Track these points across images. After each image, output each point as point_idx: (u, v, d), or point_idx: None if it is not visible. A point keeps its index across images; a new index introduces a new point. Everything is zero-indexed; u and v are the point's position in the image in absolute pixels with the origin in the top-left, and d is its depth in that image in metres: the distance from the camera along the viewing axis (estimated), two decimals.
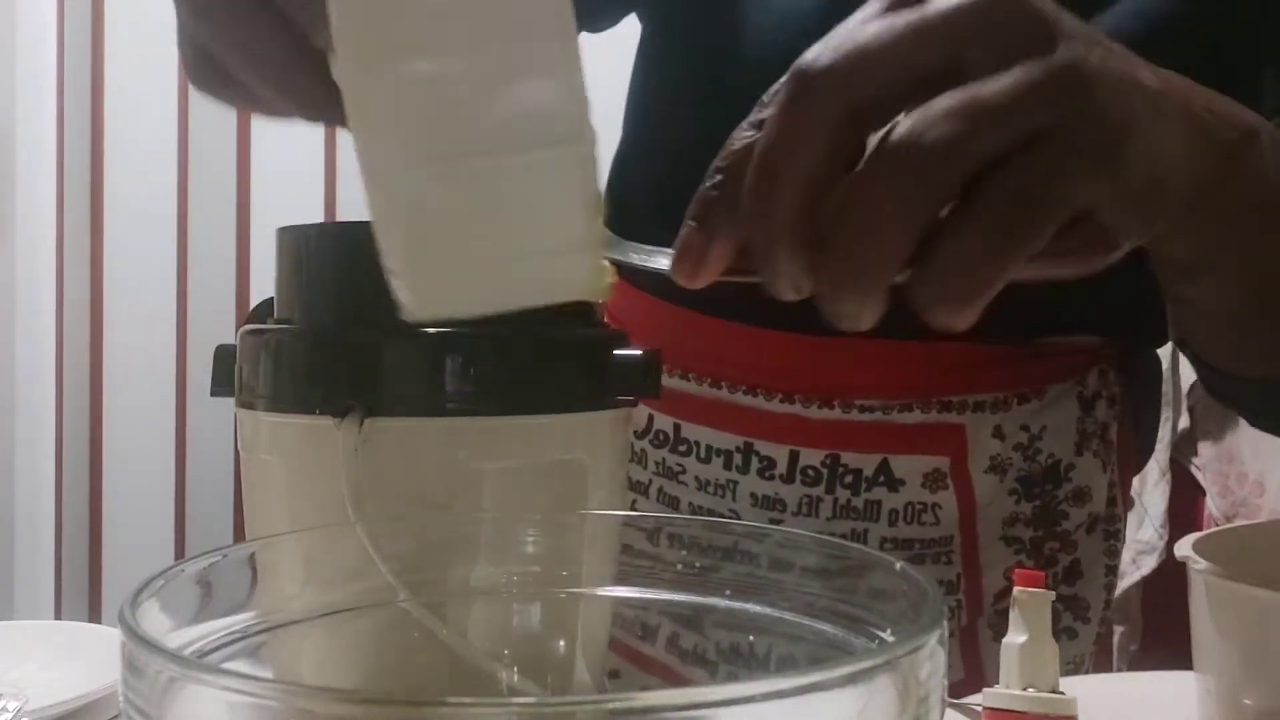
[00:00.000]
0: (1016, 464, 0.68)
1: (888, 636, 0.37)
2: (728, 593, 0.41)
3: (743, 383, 0.70)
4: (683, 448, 0.73)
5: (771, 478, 0.69)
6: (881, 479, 0.67)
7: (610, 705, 0.25)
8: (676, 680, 0.53)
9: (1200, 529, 1.72)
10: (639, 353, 0.50)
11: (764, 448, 0.69)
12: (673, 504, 0.74)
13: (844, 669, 0.27)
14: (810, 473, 0.68)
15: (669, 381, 0.73)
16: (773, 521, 0.69)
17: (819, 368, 0.68)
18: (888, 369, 0.67)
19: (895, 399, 0.67)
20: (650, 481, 0.75)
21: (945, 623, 0.31)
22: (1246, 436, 1.68)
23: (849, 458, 0.68)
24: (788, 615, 0.41)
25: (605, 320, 0.53)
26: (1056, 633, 0.68)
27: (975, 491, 0.68)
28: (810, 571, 0.40)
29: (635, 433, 0.74)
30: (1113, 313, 0.69)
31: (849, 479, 0.68)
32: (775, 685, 0.25)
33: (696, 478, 0.73)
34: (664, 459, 0.74)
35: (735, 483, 0.71)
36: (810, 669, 0.26)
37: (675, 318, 0.74)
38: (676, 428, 0.73)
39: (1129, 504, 0.75)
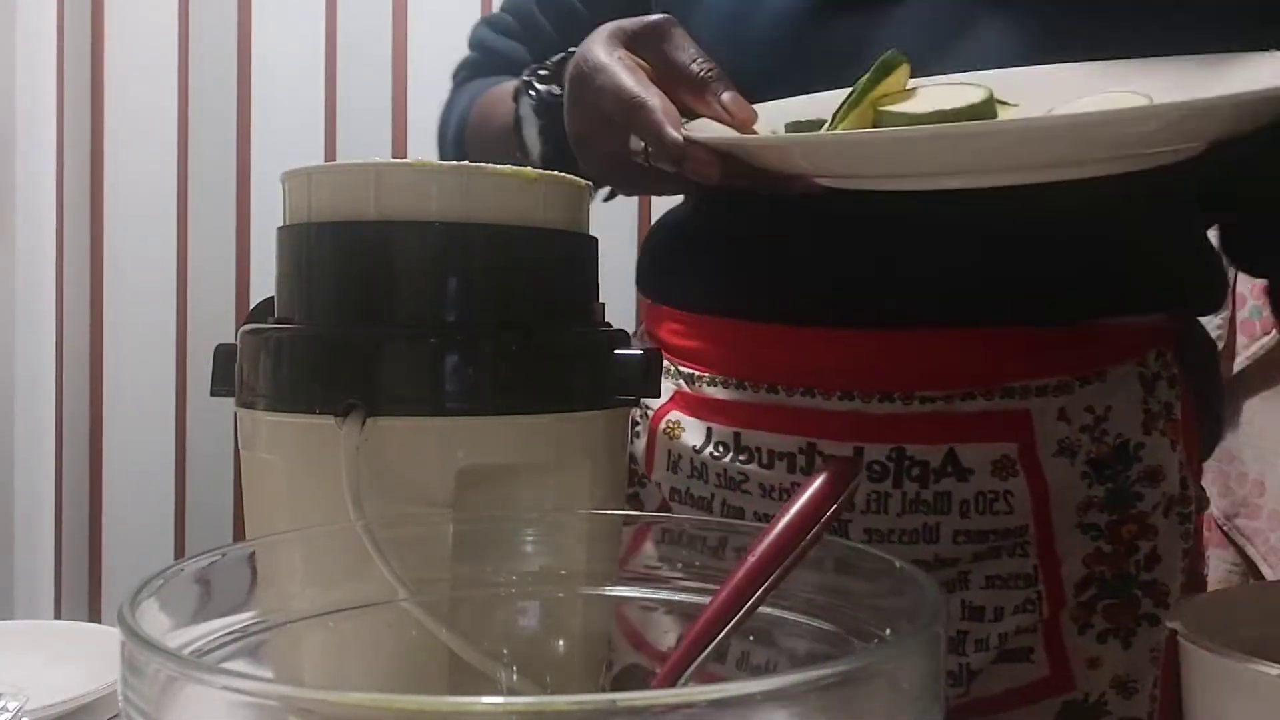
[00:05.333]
0: (1085, 446, 0.67)
1: (888, 636, 0.37)
2: None
3: (800, 384, 0.70)
4: (744, 456, 0.72)
5: None
6: (949, 469, 0.67)
7: (610, 705, 0.25)
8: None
9: (1200, 529, 1.72)
10: (639, 353, 0.50)
11: (827, 447, 0.69)
12: (737, 514, 0.72)
13: (844, 668, 0.27)
14: (876, 468, 0.67)
15: (725, 392, 0.73)
16: (842, 523, 0.67)
17: (878, 362, 0.68)
18: (947, 358, 0.67)
19: (957, 388, 0.67)
20: (713, 495, 0.74)
21: (946, 621, 0.31)
22: (1247, 436, 1.68)
23: (914, 450, 0.67)
24: (788, 615, 0.41)
25: (605, 321, 0.53)
26: (1136, 619, 0.69)
27: (1046, 477, 0.67)
28: (810, 571, 0.40)
29: (694, 448, 0.74)
30: (1166, 288, 0.70)
31: (916, 472, 0.67)
32: (775, 684, 0.25)
33: (760, 484, 0.72)
34: (725, 469, 0.73)
35: (800, 485, 0.70)
36: (810, 668, 0.26)
37: (725, 329, 0.74)
38: (736, 436, 0.72)
39: (1200, 495, 0.75)
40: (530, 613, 0.46)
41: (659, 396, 0.55)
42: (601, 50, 0.59)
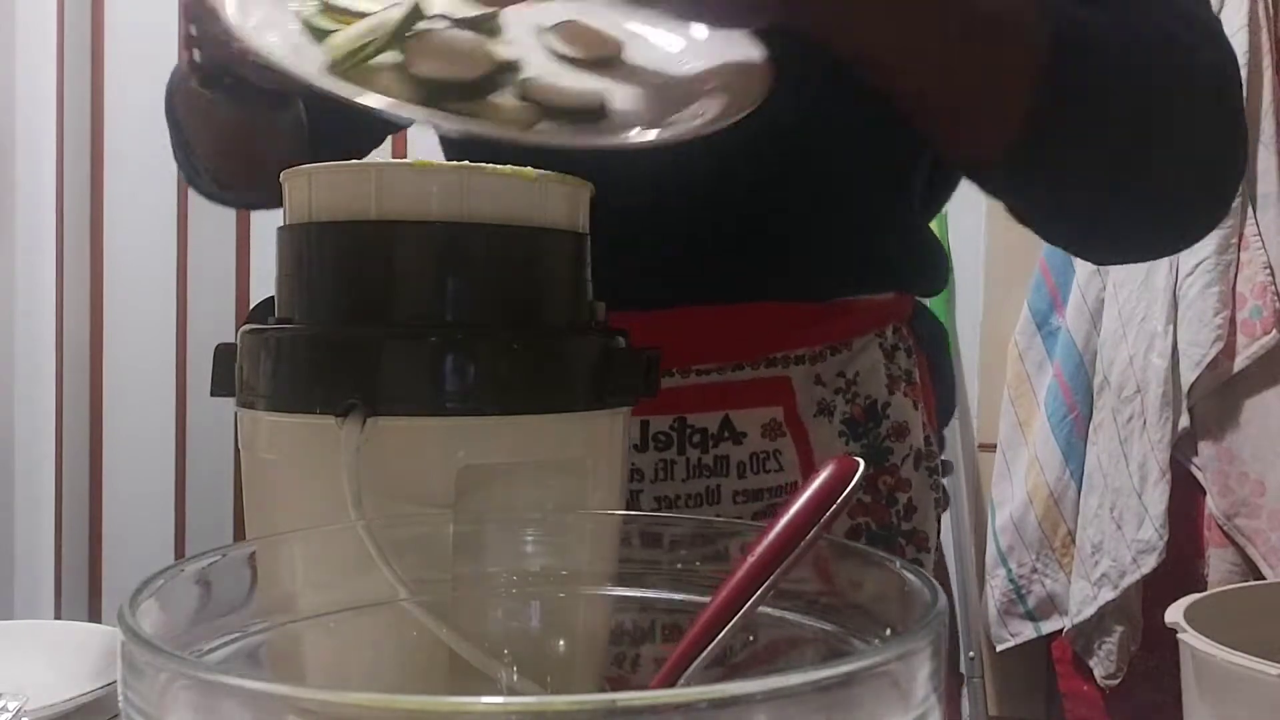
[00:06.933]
0: (840, 407, 0.76)
1: (888, 636, 0.37)
2: None
3: None
4: None
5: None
6: (726, 434, 0.73)
7: (610, 705, 0.25)
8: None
9: (1200, 529, 1.73)
10: (638, 352, 0.50)
11: None
12: None
13: (843, 669, 0.27)
14: (661, 438, 0.73)
15: None
16: (633, 493, 0.72)
17: (659, 341, 0.72)
18: (718, 334, 0.74)
19: (728, 361, 0.74)
20: None
21: (946, 622, 0.31)
22: (1247, 436, 1.68)
23: (694, 418, 0.73)
24: (788, 615, 0.41)
25: (605, 321, 0.53)
26: None
27: (809, 436, 0.75)
28: (810, 571, 0.40)
29: None
30: (892, 272, 0.79)
31: (696, 438, 0.73)
32: (775, 684, 0.25)
33: None
34: None
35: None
36: (810, 669, 0.26)
37: None
38: None
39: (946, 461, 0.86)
40: (531, 613, 0.46)
41: (656, 396, 0.56)
42: None
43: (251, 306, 0.51)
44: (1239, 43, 1.63)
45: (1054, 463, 1.84)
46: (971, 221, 1.86)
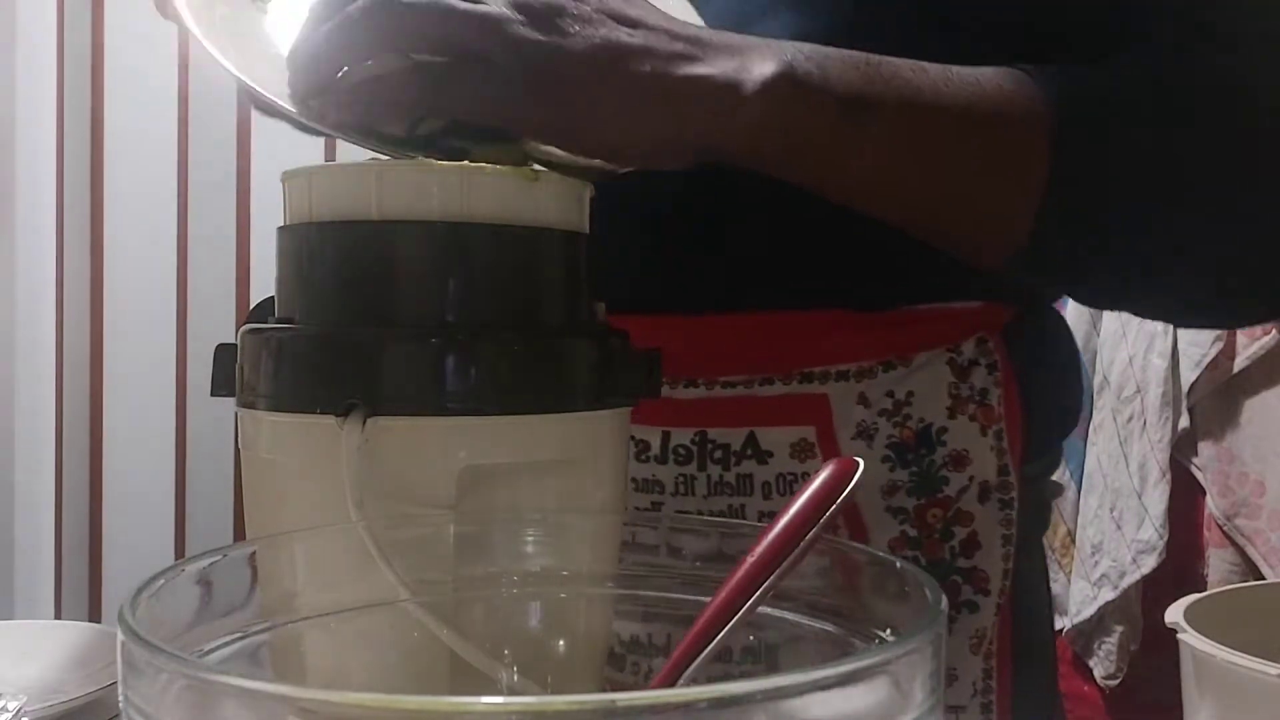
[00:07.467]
0: (884, 429, 0.68)
1: (887, 636, 0.37)
2: None
3: None
4: None
5: (647, 460, 0.69)
6: (749, 452, 0.68)
7: (610, 705, 0.25)
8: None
9: (1200, 529, 1.73)
10: (640, 352, 0.50)
11: (638, 431, 0.69)
12: None
13: (843, 668, 0.27)
14: (681, 451, 0.69)
15: None
16: (653, 504, 0.69)
17: (686, 347, 0.67)
18: (751, 342, 0.68)
19: (757, 373, 0.68)
20: None
21: (946, 622, 0.31)
22: (1247, 436, 1.68)
23: (716, 433, 0.68)
24: (788, 615, 0.41)
25: (606, 321, 0.53)
26: (957, 606, 0.68)
27: None
28: (811, 571, 0.40)
29: None
30: (982, 276, 0.68)
31: (718, 454, 0.68)
32: (775, 684, 0.26)
33: None
34: None
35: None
36: (810, 669, 0.26)
37: None
38: None
39: (1054, 492, 0.77)
40: (532, 613, 0.46)
41: (659, 396, 0.55)
42: None
43: (251, 306, 0.51)
44: None
45: None
46: None
